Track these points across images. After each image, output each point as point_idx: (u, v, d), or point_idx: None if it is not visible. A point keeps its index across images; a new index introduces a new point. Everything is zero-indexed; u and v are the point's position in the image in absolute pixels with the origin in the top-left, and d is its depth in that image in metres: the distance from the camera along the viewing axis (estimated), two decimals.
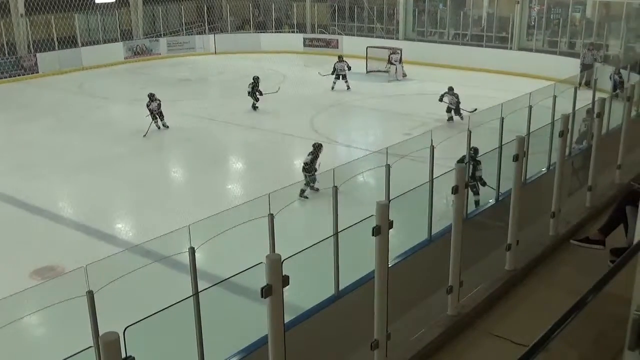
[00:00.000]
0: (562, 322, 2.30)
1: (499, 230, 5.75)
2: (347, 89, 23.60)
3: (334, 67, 23.76)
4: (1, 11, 26.78)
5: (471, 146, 11.11)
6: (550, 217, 6.16)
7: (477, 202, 11.20)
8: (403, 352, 4.48)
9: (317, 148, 13.64)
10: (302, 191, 13.02)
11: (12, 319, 5.12)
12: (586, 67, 22.09)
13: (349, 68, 23.69)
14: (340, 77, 23.65)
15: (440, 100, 18.91)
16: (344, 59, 24.17)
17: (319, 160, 13.36)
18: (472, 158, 11.42)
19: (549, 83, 15.83)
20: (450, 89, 19.00)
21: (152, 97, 18.67)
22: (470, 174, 11.52)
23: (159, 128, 18.65)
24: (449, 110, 18.76)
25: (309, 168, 13.30)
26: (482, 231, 7.01)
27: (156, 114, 18.61)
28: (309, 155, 13.53)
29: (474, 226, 6.86)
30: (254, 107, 20.64)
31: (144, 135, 18.08)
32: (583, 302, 2.45)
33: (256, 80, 20.62)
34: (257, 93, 20.07)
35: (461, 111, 18.62)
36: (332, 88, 23.59)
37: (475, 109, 17.79)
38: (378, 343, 4.19)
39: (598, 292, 2.52)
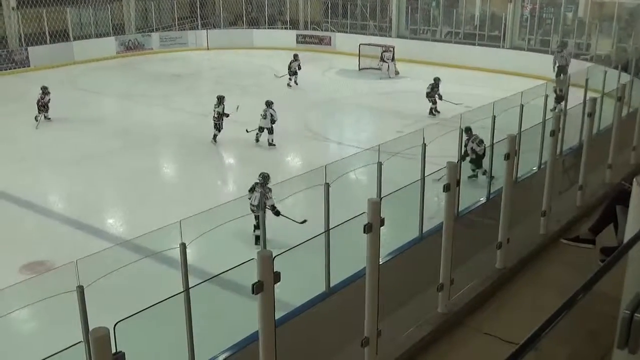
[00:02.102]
0: (552, 321, 2.30)
1: (489, 228, 5.77)
2: (295, 84, 24.08)
3: (289, 66, 24.14)
4: None
5: (260, 172, 10.80)
6: (541, 216, 6.18)
7: (257, 238, 9.93)
8: (393, 349, 4.49)
9: (219, 100, 16.72)
10: (215, 136, 16.73)
11: (1, 314, 5.11)
12: (561, 70, 21.75)
13: (299, 67, 24.13)
14: (292, 74, 24.16)
15: (264, 116, 16.53)
16: (298, 57, 24.44)
17: (225, 109, 16.60)
18: (261, 185, 10.62)
19: (541, 82, 15.87)
20: (269, 103, 16.63)
21: (45, 90, 18.59)
22: (257, 202, 10.36)
23: (38, 120, 18.52)
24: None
25: (217, 117, 16.61)
26: (473, 229, 7.04)
27: (46, 107, 18.56)
28: (215, 107, 16.66)
29: (465, 224, 6.89)
30: (434, 112, 19.62)
31: (36, 127, 18.21)
32: (573, 301, 2.46)
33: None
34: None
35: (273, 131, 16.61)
36: (289, 85, 24.04)
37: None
38: (368, 340, 4.20)
39: (588, 291, 2.53)
